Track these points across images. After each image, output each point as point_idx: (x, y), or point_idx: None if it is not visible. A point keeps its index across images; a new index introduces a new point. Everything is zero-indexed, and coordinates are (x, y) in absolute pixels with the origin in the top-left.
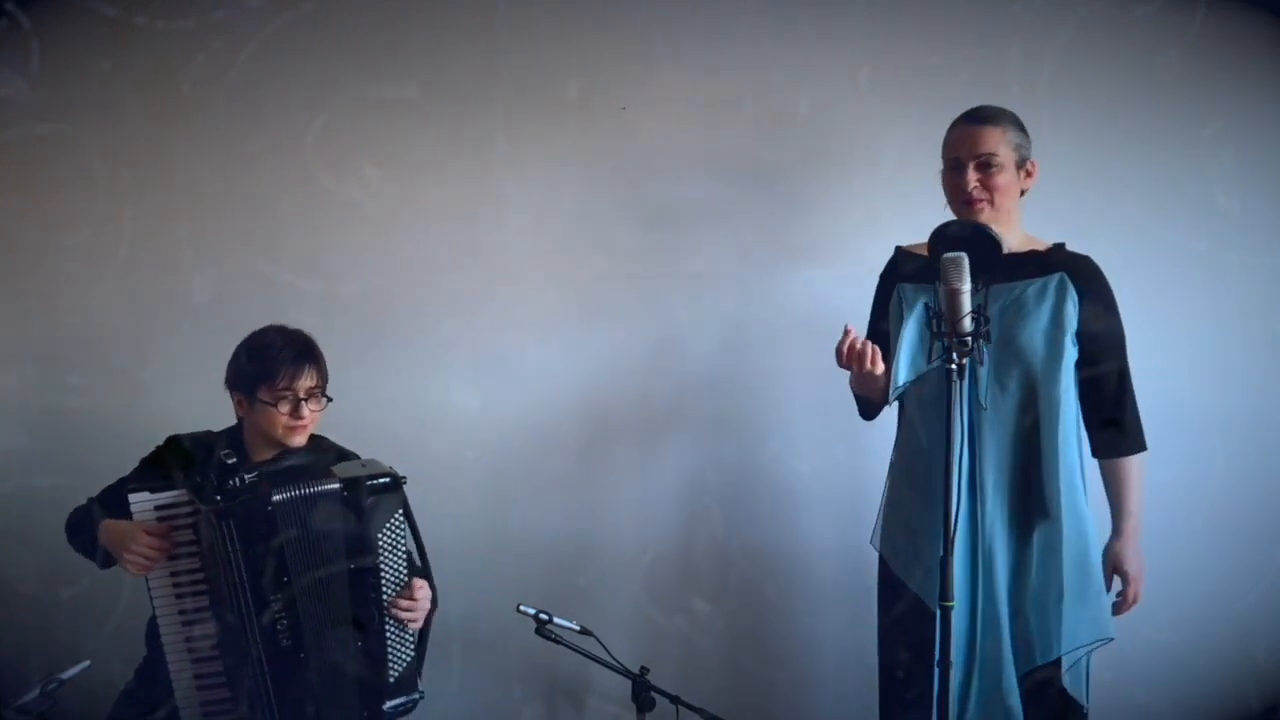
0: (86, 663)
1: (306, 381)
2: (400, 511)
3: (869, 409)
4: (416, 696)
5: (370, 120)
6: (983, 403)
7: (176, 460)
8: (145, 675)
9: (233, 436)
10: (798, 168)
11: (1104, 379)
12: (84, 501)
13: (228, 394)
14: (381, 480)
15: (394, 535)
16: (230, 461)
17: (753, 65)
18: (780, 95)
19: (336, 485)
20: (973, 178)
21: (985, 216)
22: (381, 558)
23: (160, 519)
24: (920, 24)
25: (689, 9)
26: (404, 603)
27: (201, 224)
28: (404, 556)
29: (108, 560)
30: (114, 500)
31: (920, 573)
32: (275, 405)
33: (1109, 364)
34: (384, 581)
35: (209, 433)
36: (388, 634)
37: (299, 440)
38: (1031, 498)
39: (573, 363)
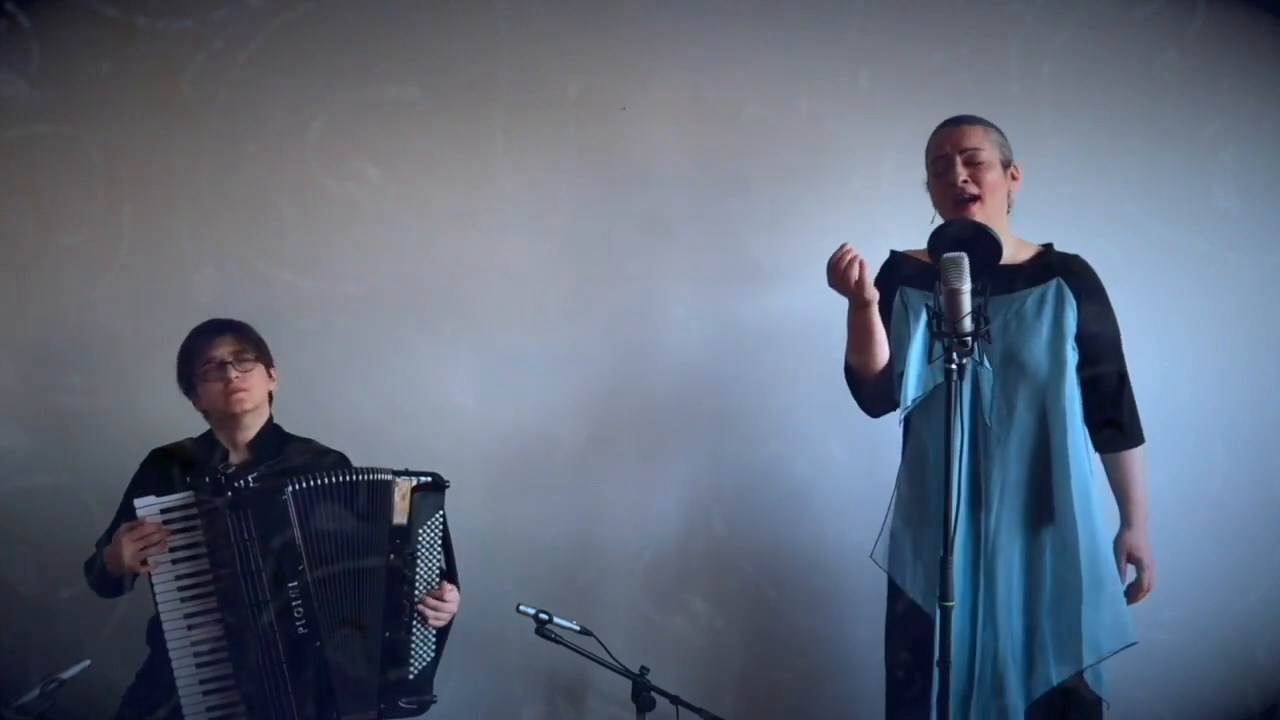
0: (86, 663)
1: (225, 348)
2: (440, 513)
3: (866, 398)
4: (430, 698)
5: (370, 120)
6: (988, 421)
7: (168, 469)
8: (147, 675)
9: (208, 440)
10: (798, 167)
11: (1102, 379)
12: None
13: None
14: (428, 478)
15: (431, 534)
16: (229, 470)
17: (753, 65)
18: (780, 95)
19: (388, 477)
20: (962, 171)
21: (977, 217)
22: (419, 554)
23: (166, 522)
24: (920, 24)
25: (689, 9)
26: (434, 602)
27: (201, 224)
28: (438, 556)
29: (129, 581)
30: (110, 538)
31: (923, 583)
32: (208, 378)
33: (1106, 364)
34: (418, 578)
35: (187, 439)
36: (413, 630)
37: (244, 405)
38: (1043, 507)
39: (573, 363)
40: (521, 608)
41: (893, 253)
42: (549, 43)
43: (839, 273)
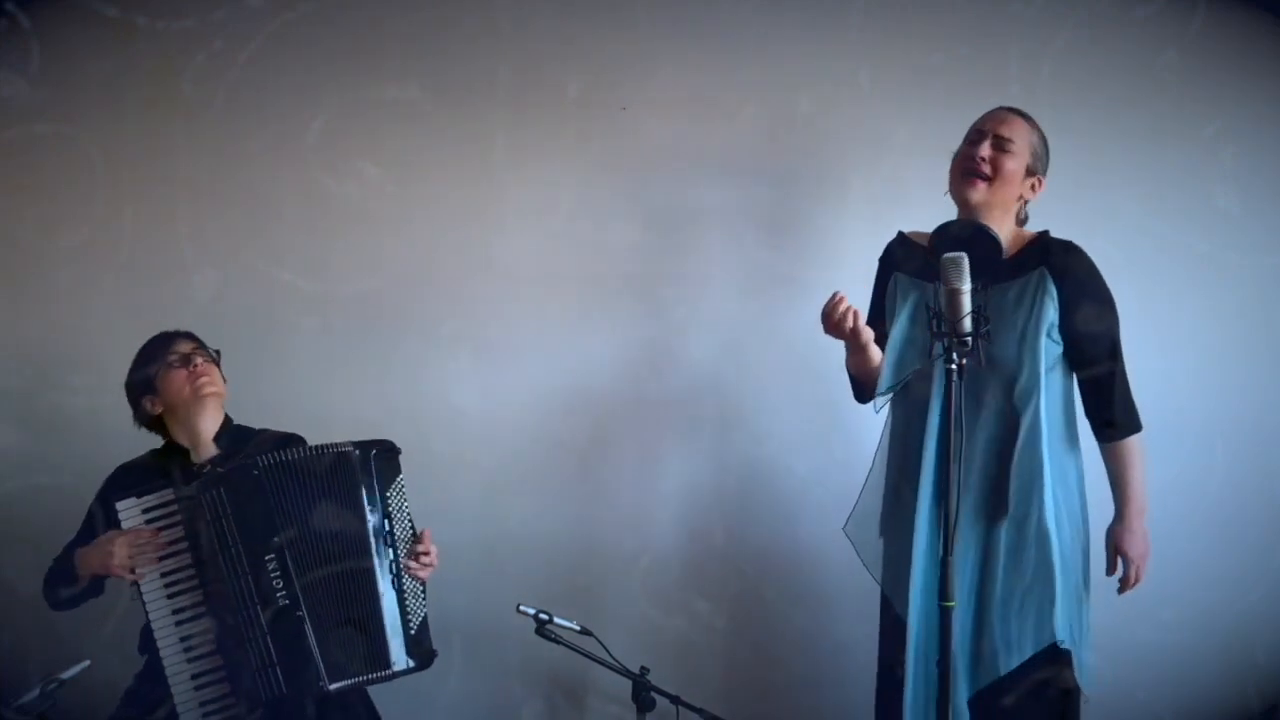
0: (86, 663)
1: (183, 346)
2: (400, 476)
3: (864, 393)
4: (434, 651)
5: (370, 120)
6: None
7: (138, 480)
8: (145, 676)
9: (169, 448)
10: (798, 168)
11: (1094, 377)
12: (76, 513)
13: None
14: (386, 443)
15: (399, 496)
16: (204, 469)
17: (753, 65)
18: (780, 95)
19: (349, 448)
20: (986, 150)
21: (978, 195)
22: (393, 515)
23: (149, 521)
24: (920, 24)
25: (689, 9)
26: (419, 558)
27: (201, 224)
28: (408, 515)
29: (93, 589)
30: (78, 544)
31: (886, 568)
32: (173, 368)
33: (1099, 361)
34: (397, 538)
35: (150, 451)
36: (405, 588)
37: (209, 389)
38: (999, 500)
39: (573, 363)
40: (521, 608)
41: (899, 234)
42: (549, 43)
43: (833, 322)
